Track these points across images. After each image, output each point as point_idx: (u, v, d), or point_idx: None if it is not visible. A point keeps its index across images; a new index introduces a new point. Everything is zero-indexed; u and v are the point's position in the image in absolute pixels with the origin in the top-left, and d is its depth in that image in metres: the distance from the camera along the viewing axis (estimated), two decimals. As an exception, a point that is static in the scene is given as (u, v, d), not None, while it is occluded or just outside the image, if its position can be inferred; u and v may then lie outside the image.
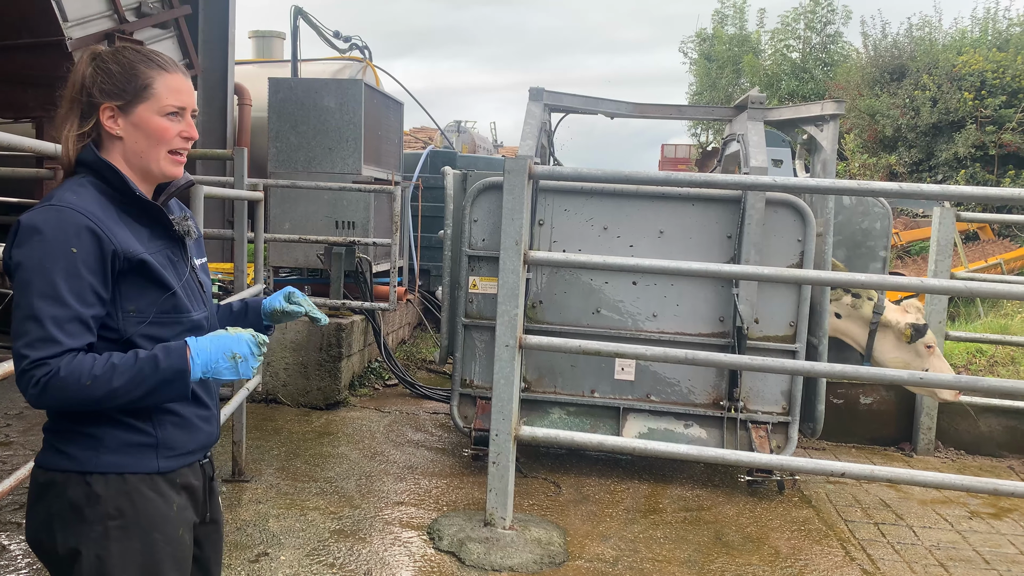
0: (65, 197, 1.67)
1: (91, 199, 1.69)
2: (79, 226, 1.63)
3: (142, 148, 1.77)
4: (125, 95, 1.75)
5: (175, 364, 1.65)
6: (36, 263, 1.60)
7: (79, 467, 1.70)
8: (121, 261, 1.67)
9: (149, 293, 1.72)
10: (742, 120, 5.57)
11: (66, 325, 1.60)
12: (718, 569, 3.81)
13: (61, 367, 1.58)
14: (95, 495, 1.69)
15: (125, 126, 1.76)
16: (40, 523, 1.73)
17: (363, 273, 6.82)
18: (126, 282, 1.69)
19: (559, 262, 4.66)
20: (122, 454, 1.71)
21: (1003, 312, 9.93)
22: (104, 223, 1.66)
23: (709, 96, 28.78)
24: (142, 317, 1.71)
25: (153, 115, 1.76)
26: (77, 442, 1.70)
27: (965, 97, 16.93)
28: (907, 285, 3.98)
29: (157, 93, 1.77)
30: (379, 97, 7.55)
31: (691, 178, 4.04)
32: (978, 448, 6.03)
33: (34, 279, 1.60)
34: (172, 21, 7.00)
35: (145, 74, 1.77)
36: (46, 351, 1.58)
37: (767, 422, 4.93)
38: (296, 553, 3.71)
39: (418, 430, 5.85)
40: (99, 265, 1.64)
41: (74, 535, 1.69)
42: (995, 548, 4.28)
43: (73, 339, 1.60)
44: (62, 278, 1.60)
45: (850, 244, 5.53)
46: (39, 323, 1.58)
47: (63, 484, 1.70)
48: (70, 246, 1.61)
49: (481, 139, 23.55)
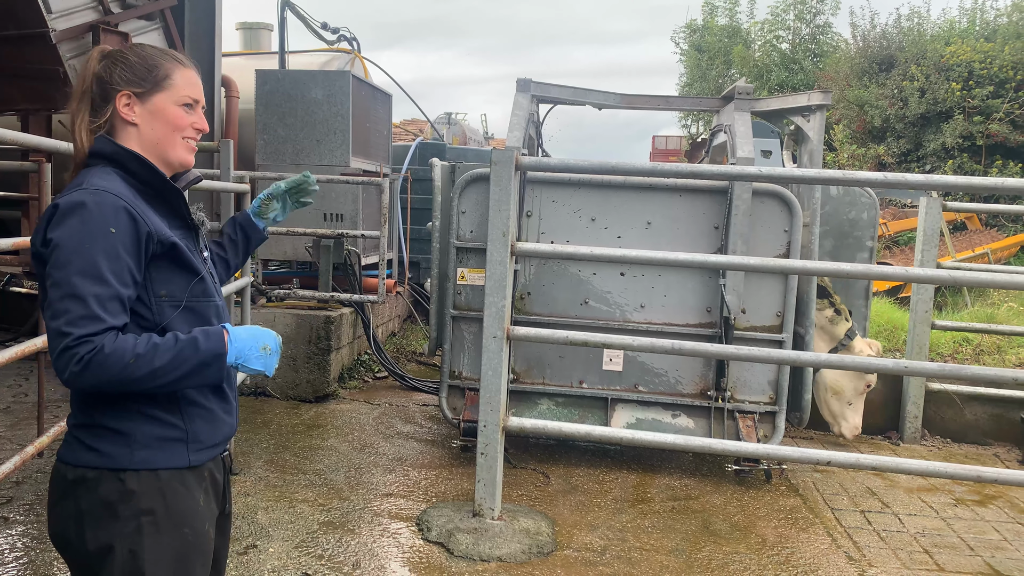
0: (95, 182, 1.68)
1: (121, 185, 1.71)
2: (116, 207, 1.65)
3: (159, 135, 1.80)
4: (145, 83, 1.79)
5: (214, 347, 1.67)
6: (76, 243, 1.61)
7: (112, 464, 1.70)
8: (155, 244, 1.70)
9: (178, 278, 1.75)
10: (729, 111, 5.58)
11: (107, 303, 1.60)
12: (705, 558, 3.84)
13: (105, 344, 1.58)
14: (129, 491, 1.69)
15: (141, 113, 1.79)
16: (68, 520, 1.72)
17: (352, 266, 6.81)
18: (156, 266, 1.72)
19: (547, 253, 4.67)
20: (154, 449, 1.72)
21: (990, 301, 10.00)
22: (137, 206, 1.69)
23: (700, 87, 28.75)
24: (175, 302, 1.74)
25: (170, 104, 1.81)
26: (108, 439, 1.70)
27: (953, 87, 16.98)
28: (893, 275, 4.00)
29: (175, 83, 1.82)
30: (367, 89, 7.53)
31: (677, 169, 4.05)
32: (964, 436, 6.08)
33: (74, 258, 1.60)
34: (158, 12, 6.94)
35: (164, 66, 1.82)
36: (90, 328, 1.58)
37: (754, 412, 4.95)
38: (285, 545, 3.72)
39: (407, 422, 5.86)
40: (135, 247, 1.66)
41: (106, 531, 1.68)
42: (979, 535, 4.32)
43: (114, 318, 1.61)
44: (103, 256, 1.61)
45: (837, 234, 5.56)
46: (82, 301, 1.58)
47: (95, 481, 1.69)
48: (109, 226, 1.63)
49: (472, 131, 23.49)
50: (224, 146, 4.65)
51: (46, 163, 3.95)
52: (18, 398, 5.91)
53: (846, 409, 5.20)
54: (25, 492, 4.13)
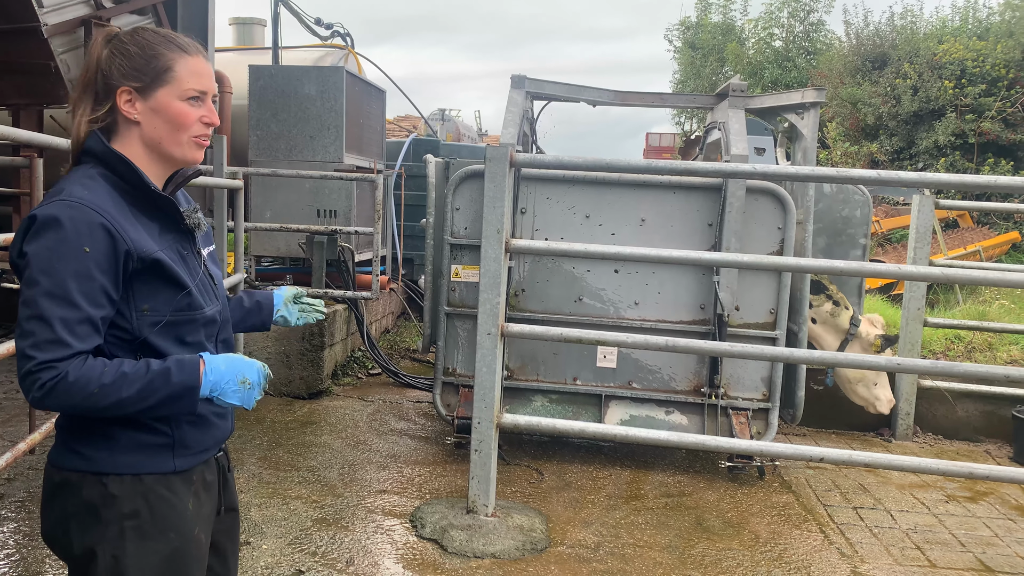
0: (75, 191, 1.59)
1: (103, 193, 1.62)
2: (92, 224, 1.56)
3: (161, 134, 1.70)
4: (144, 77, 1.67)
5: (187, 380, 1.60)
6: (46, 261, 1.54)
7: (95, 468, 1.66)
8: (135, 261, 1.61)
9: (163, 292, 1.66)
10: (723, 108, 5.58)
11: (76, 327, 1.54)
12: (699, 554, 3.85)
13: (69, 371, 1.52)
14: (111, 495, 1.65)
15: (143, 110, 1.68)
16: (55, 522, 1.70)
17: (345, 262, 6.80)
18: (139, 281, 1.63)
19: (541, 250, 4.67)
20: (138, 454, 1.68)
21: (981, 299, 10.03)
22: (118, 221, 1.60)
23: (693, 84, 28.76)
24: (158, 316, 1.66)
25: (174, 100, 1.68)
26: (92, 442, 1.66)
27: (945, 86, 17.03)
28: (886, 272, 4.02)
29: (178, 76, 1.69)
30: (361, 85, 7.50)
31: (671, 166, 4.05)
32: (956, 433, 6.11)
33: (43, 278, 1.53)
34: (151, 7, 6.91)
35: (166, 56, 1.68)
36: (54, 353, 1.52)
37: (747, 408, 4.97)
38: (278, 542, 3.71)
39: (401, 419, 5.85)
40: (111, 265, 1.58)
41: (90, 535, 1.66)
42: (971, 531, 4.34)
43: (82, 342, 1.55)
44: (73, 278, 1.54)
45: (831, 232, 5.58)
46: (47, 324, 1.52)
47: (78, 484, 1.66)
48: (83, 245, 1.55)
49: (466, 127, 23.43)
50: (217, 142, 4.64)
51: (38, 158, 3.93)
52: (9, 395, 5.88)
53: (874, 389, 5.31)
54: (17, 489, 4.11)
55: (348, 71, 7.02)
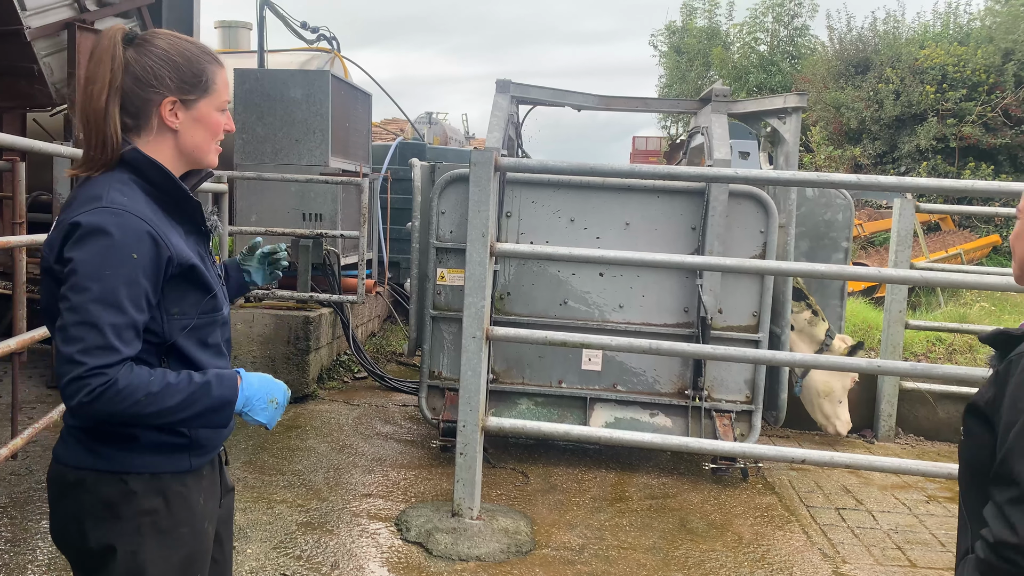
0: (115, 199, 1.61)
1: (140, 200, 1.65)
2: (140, 232, 1.59)
3: (198, 142, 1.75)
4: (194, 90, 1.71)
5: (226, 394, 1.65)
6: (96, 268, 1.55)
7: (114, 467, 1.68)
8: (174, 267, 1.65)
9: (191, 295, 1.71)
10: (707, 113, 5.63)
11: (123, 332, 1.57)
12: (682, 555, 3.88)
13: (119, 378, 1.54)
14: (131, 492, 1.68)
15: (184, 119, 1.72)
16: (69, 519, 1.71)
17: (331, 266, 6.79)
18: (170, 285, 1.67)
19: (526, 254, 4.69)
20: (157, 454, 1.71)
21: (962, 301, 10.15)
22: (160, 228, 1.64)
23: (679, 89, 28.88)
24: (187, 319, 1.70)
25: (213, 110, 1.75)
26: (113, 442, 1.68)
27: (927, 90, 17.21)
28: (867, 275, 4.07)
29: (218, 88, 1.75)
30: (347, 88, 7.51)
31: (655, 170, 4.09)
32: (937, 434, 6.17)
33: (93, 285, 1.55)
34: (135, 10, 6.88)
35: (209, 68, 1.74)
36: (105, 359, 1.54)
37: (731, 411, 5.00)
38: (263, 546, 3.71)
39: (387, 422, 5.85)
40: (155, 271, 1.62)
41: (108, 532, 1.68)
42: (951, 531, 4.40)
43: (128, 347, 1.58)
44: (123, 284, 1.56)
45: (813, 235, 5.63)
46: (99, 330, 1.54)
47: (95, 482, 1.68)
48: (131, 251, 1.58)
49: (453, 131, 23.44)
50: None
51: (20, 162, 3.91)
52: (-8, 399, 5.84)
53: (837, 408, 5.33)
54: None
55: (334, 75, 7.03)
